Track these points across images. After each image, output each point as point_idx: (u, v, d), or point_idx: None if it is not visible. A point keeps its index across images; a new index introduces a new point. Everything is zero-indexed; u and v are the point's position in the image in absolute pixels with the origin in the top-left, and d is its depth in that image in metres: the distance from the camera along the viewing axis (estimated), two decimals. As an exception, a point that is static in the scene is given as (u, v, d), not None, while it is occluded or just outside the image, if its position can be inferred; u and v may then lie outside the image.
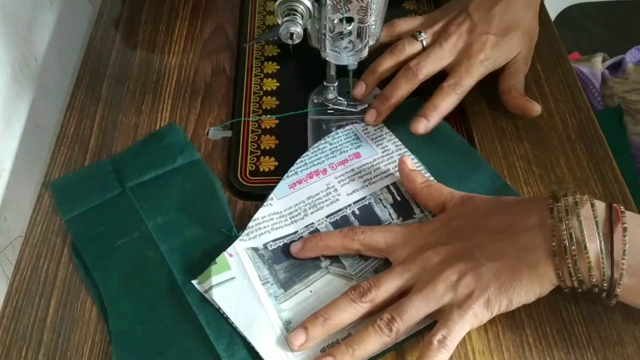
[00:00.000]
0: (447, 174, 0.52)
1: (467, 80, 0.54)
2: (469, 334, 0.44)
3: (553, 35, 0.65)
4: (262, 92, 0.60)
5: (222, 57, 0.64)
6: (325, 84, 0.56)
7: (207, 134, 0.57)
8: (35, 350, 0.44)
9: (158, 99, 0.60)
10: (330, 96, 0.57)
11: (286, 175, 0.52)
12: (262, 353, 0.42)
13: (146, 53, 0.64)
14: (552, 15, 0.89)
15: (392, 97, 0.54)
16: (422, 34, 0.56)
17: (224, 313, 0.44)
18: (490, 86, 0.59)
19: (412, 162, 0.50)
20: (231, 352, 0.42)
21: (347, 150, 0.54)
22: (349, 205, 0.50)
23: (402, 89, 0.54)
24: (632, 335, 0.43)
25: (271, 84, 0.60)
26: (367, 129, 0.55)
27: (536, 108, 0.55)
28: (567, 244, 0.39)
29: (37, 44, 0.62)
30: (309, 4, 0.48)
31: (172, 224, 0.49)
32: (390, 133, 0.55)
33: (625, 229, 0.39)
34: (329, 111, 0.57)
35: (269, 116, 0.57)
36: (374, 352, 0.41)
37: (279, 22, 0.48)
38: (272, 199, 0.50)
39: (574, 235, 0.39)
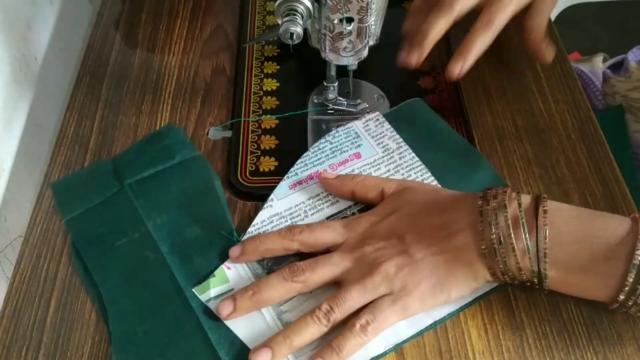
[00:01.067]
0: (447, 174, 0.51)
1: (501, 16, 0.52)
2: (469, 334, 0.44)
3: (553, 35, 0.64)
4: (262, 92, 0.60)
5: (222, 57, 0.64)
6: (325, 84, 0.56)
7: (207, 134, 0.57)
8: (35, 350, 0.44)
9: (158, 99, 0.60)
10: (330, 96, 0.57)
11: (286, 175, 0.52)
12: None
13: (146, 53, 0.64)
14: (552, 15, 0.89)
15: (430, 33, 0.51)
16: None
17: (223, 324, 0.44)
18: (490, 86, 0.59)
19: (330, 173, 0.51)
20: (232, 356, 0.42)
21: (347, 150, 0.54)
22: (350, 206, 0.50)
23: (439, 24, 0.51)
24: (632, 335, 0.43)
25: (271, 84, 0.60)
26: (367, 125, 0.55)
27: (547, 56, 0.56)
28: (497, 247, 0.41)
29: (37, 44, 0.62)
30: (309, 4, 0.48)
31: (172, 223, 0.49)
32: (392, 129, 0.55)
33: (549, 225, 0.40)
34: (329, 111, 0.57)
35: (269, 116, 0.57)
36: (310, 341, 0.42)
37: (279, 22, 0.48)
38: (272, 199, 0.50)
39: (502, 239, 0.41)
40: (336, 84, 0.56)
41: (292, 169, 0.52)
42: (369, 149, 0.54)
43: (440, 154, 0.53)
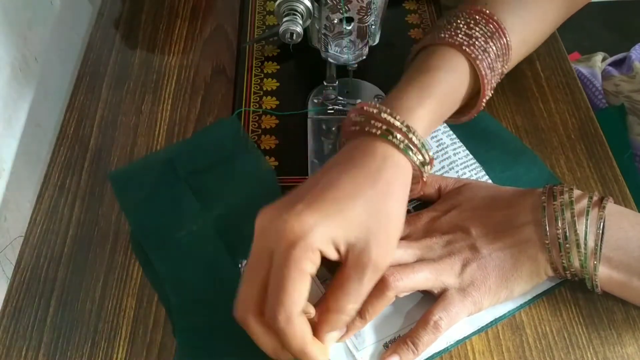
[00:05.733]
0: (501, 173, 0.52)
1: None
2: (469, 334, 0.44)
3: (553, 35, 0.64)
4: (262, 92, 0.60)
5: (222, 57, 0.64)
6: (325, 84, 0.56)
7: (207, 134, 0.57)
8: (35, 350, 0.44)
9: (158, 99, 0.60)
10: (331, 96, 0.57)
11: None
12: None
13: (146, 53, 0.64)
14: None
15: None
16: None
17: None
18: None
19: None
20: None
21: None
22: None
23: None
24: (632, 335, 0.43)
25: (271, 84, 0.60)
26: None
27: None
28: (561, 242, 0.41)
29: (37, 44, 0.62)
30: (309, 4, 0.48)
31: (230, 217, 0.49)
32: (445, 125, 0.54)
33: (616, 227, 0.41)
34: (329, 111, 0.57)
35: (269, 110, 0.57)
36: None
37: (279, 22, 0.48)
38: None
39: (567, 234, 0.41)
40: (336, 84, 0.56)
41: None
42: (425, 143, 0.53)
43: (493, 152, 0.53)
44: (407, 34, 0.65)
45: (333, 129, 0.56)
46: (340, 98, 0.57)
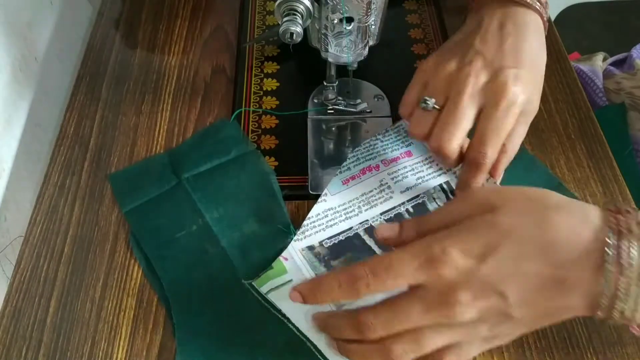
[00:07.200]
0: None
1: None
2: (469, 334, 0.43)
3: (553, 35, 0.65)
4: (262, 92, 0.60)
5: (222, 57, 0.64)
6: (325, 84, 0.56)
7: (207, 134, 0.57)
8: (35, 350, 0.44)
9: (158, 99, 0.60)
10: (330, 96, 0.57)
11: (339, 170, 0.52)
12: (325, 352, 0.42)
13: (146, 53, 0.64)
14: (552, 15, 0.89)
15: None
16: (428, 101, 0.45)
17: (284, 315, 0.44)
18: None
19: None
20: (293, 349, 0.43)
21: (398, 149, 0.53)
22: (403, 203, 0.50)
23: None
24: (632, 335, 0.43)
25: (271, 84, 0.60)
26: None
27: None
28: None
29: (37, 44, 0.62)
30: (309, 4, 0.48)
31: (230, 217, 0.50)
32: None
33: None
34: (329, 111, 0.57)
35: (269, 110, 0.57)
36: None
37: (279, 22, 0.48)
38: (326, 194, 0.50)
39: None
40: (336, 84, 0.56)
41: (344, 164, 0.52)
42: (420, 147, 0.53)
43: None
44: (407, 34, 0.65)
45: (333, 129, 0.56)
46: (340, 98, 0.57)
